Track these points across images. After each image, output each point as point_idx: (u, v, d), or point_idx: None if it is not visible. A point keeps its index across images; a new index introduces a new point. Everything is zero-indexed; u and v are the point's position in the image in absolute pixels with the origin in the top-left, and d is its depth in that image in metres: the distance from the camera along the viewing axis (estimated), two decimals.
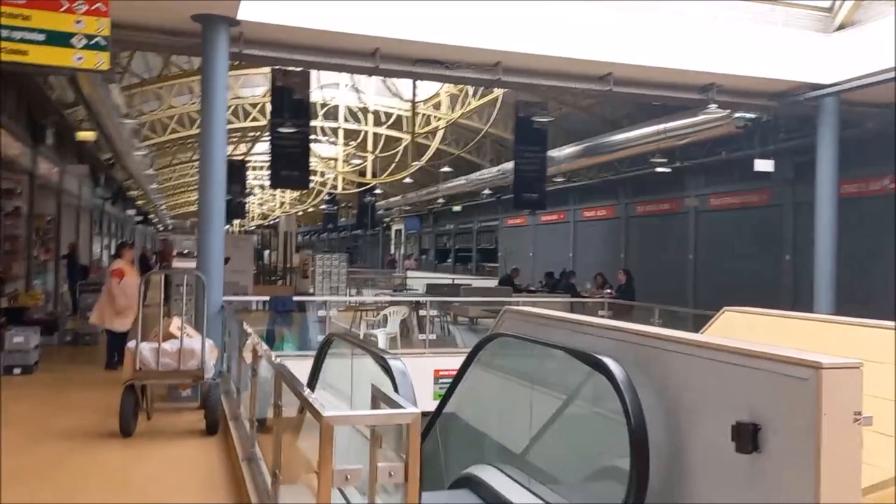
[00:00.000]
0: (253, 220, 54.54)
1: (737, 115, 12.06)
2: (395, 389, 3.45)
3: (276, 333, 10.33)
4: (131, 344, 6.28)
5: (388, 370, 3.57)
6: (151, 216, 46.31)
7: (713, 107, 10.83)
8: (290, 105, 14.08)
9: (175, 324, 6.96)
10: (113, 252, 19.04)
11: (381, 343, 10.49)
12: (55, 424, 6.67)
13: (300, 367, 4.55)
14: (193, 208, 54.43)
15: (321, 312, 10.02)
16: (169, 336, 6.61)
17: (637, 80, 10.61)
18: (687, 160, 17.17)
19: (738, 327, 6.27)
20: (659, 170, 17.00)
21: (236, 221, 39.68)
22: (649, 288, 16.10)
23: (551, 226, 25.93)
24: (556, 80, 10.37)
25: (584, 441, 4.48)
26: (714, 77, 10.52)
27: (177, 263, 21.45)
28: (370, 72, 10.21)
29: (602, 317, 11.65)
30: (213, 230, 8.28)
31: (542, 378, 4.97)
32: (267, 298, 10.21)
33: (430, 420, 5.79)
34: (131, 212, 32.56)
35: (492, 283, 20.53)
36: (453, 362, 8.66)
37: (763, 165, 12.62)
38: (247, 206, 37.91)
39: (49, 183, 15.21)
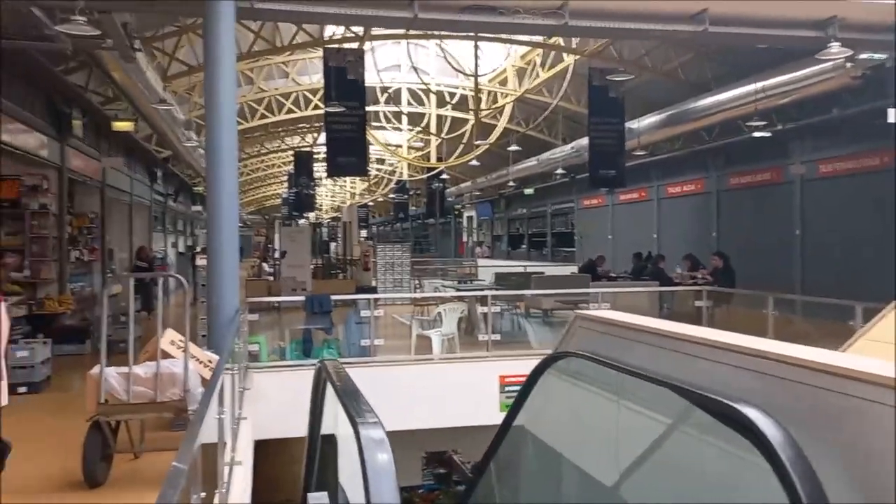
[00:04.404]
0: (326, 212, 54.23)
1: (862, 55, 9.88)
2: (364, 478, 1.90)
3: (315, 338, 8.98)
4: (95, 369, 4.93)
5: (358, 443, 2.02)
6: None
7: (834, 46, 8.73)
8: (345, 86, 13.02)
9: (168, 338, 5.62)
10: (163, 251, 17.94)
11: (436, 347, 8.99)
12: (17, 466, 5.41)
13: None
14: (272, 202, 54.77)
15: (364, 313, 8.58)
16: (165, 355, 5.27)
17: (737, 18, 8.65)
18: (790, 122, 14.93)
19: None
20: (756, 135, 14.84)
21: (310, 214, 39.18)
22: (747, 270, 14.01)
23: (632, 205, 23.91)
24: (637, 23, 8.51)
25: (706, 485, 3.14)
26: (835, 7, 8.46)
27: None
28: (408, 24, 8.60)
29: (700, 307, 9.77)
30: (222, 222, 6.90)
31: (634, 391, 3.47)
32: (302, 298, 8.86)
33: (499, 433, 5.02)
34: (198, 208, 32.14)
35: (568, 269, 18.79)
36: (522, 367, 7.22)
37: None
38: (316, 198, 37.25)
39: (89, 179, 14.37)
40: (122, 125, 13.97)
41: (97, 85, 13.71)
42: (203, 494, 2.44)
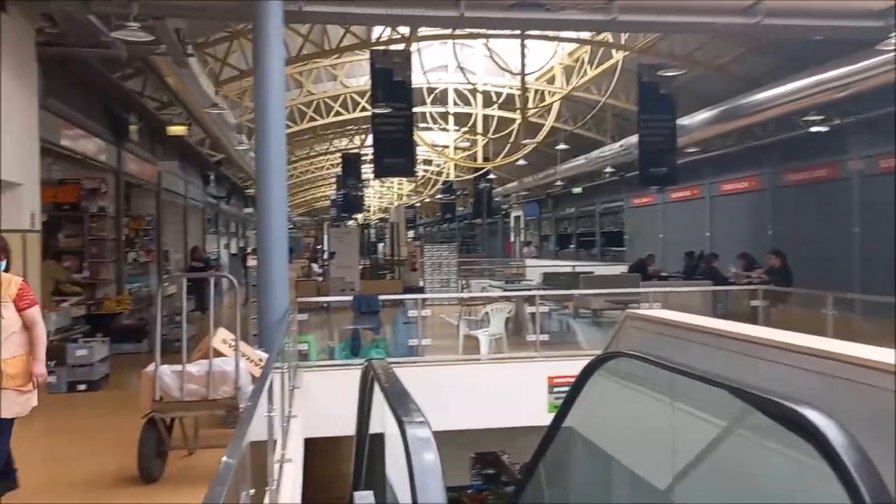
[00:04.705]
0: (374, 213, 54.65)
1: None
2: (411, 477, 1.89)
3: (364, 337, 9.02)
4: (150, 367, 5.03)
5: (404, 442, 2.01)
6: None
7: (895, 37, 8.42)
8: (392, 87, 13.15)
9: (220, 337, 5.70)
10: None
11: (483, 347, 8.95)
12: (75, 462, 5.57)
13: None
14: (321, 204, 55.44)
15: (412, 313, 8.60)
16: (217, 354, 5.35)
17: (793, 9, 8.39)
18: (847, 116, 14.45)
19: None
20: (813, 130, 14.40)
21: (358, 215, 39.52)
22: (804, 269, 13.59)
23: (683, 203, 23.46)
24: (688, 16, 8.33)
25: (763, 490, 3.10)
26: None
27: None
28: (454, 23, 8.57)
29: (756, 307, 9.52)
30: (272, 224, 6.98)
31: (687, 392, 3.39)
32: (349, 298, 8.91)
33: (547, 434, 4.98)
34: (249, 210, 32.67)
35: (618, 269, 18.54)
36: (571, 367, 7.15)
37: None
38: (364, 199, 37.56)
39: (145, 182, 14.74)
40: (176, 129, 14.29)
41: (153, 91, 14.07)
42: (252, 491, 2.46)
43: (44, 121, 8.62)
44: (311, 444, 8.15)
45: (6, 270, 4.71)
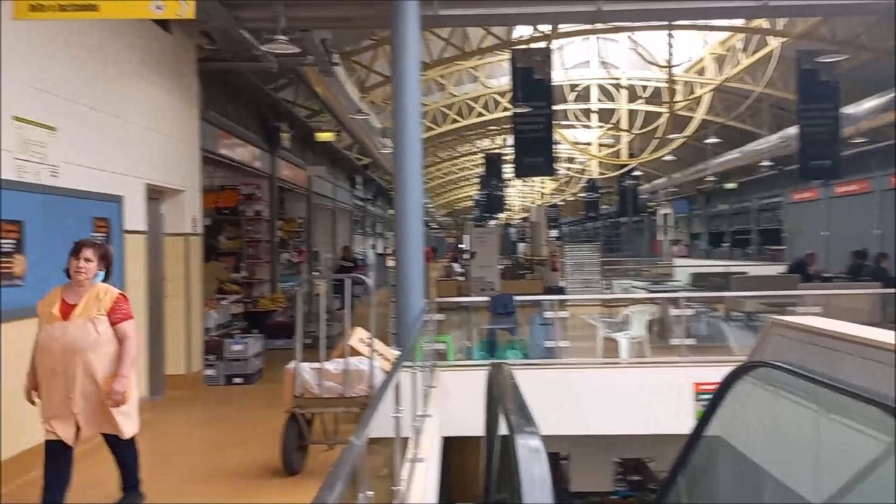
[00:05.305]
0: (516, 212, 54.66)
1: None
2: (519, 487, 1.83)
3: (501, 338, 9.01)
4: (291, 364, 5.27)
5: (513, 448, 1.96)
6: None
7: None
8: (532, 86, 13.17)
9: (358, 336, 5.88)
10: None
11: (623, 351, 8.66)
12: (226, 452, 5.93)
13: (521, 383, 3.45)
14: (464, 204, 56.24)
15: (547, 314, 8.47)
16: (354, 352, 5.53)
17: None
18: None
19: None
20: None
21: (500, 215, 39.66)
22: None
23: (850, 198, 21.62)
24: None
25: None
26: None
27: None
28: (592, 18, 8.30)
29: None
30: (408, 224, 7.13)
31: (845, 405, 3.13)
32: (486, 299, 8.91)
33: (689, 442, 4.67)
34: (393, 211, 33.67)
35: (775, 269, 17.39)
36: (720, 374, 6.78)
37: None
38: (506, 199, 37.64)
39: (297, 186, 15.53)
40: (324, 136, 14.97)
41: (304, 100, 14.81)
42: (371, 493, 2.48)
43: (204, 131, 9.29)
44: (455, 444, 8.25)
45: (105, 280, 4.41)
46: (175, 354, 8.25)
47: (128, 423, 4.29)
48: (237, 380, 8.79)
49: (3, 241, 4.98)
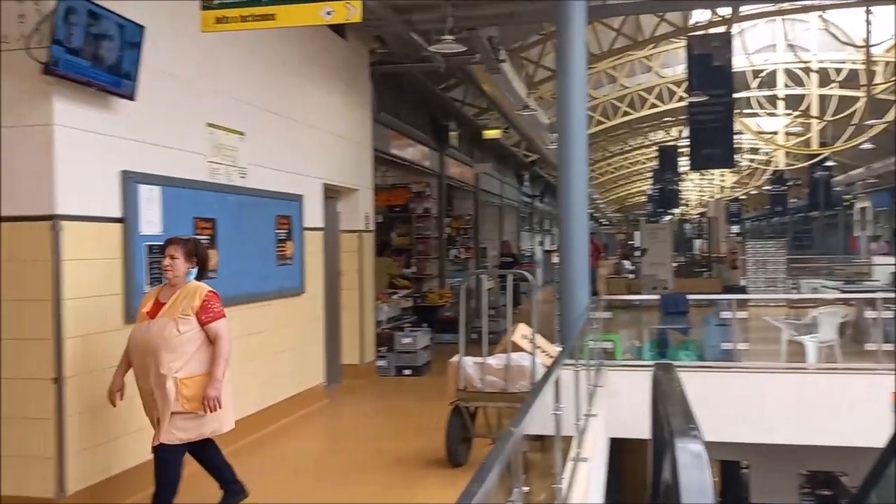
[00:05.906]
0: (693, 207, 52.25)
1: None
2: (677, 494, 1.74)
3: (673, 338, 8.63)
4: (455, 358, 5.36)
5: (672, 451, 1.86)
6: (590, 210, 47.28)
7: None
8: (710, 74, 12.69)
9: (520, 332, 5.89)
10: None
11: (811, 355, 7.99)
12: (395, 440, 6.14)
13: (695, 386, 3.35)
14: (636, 199, 54.60)
15: (725, 314, 7.98)
16: (516, 348, 5.55)
17: None
18: None
19: None
20: None
21: (675, 210, 38.10)
22: None
23: None
24: None
25: None
26: None
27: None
28: None
29: None
30: (573, 220, 7.00)
31: None
32: (656, 297, 8.55)
33: (881, 458, 4.18)
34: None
35: None
36: None
37: None
38: (681, 193, 36.06)
39: (464, 184, 15.80)
40: (491, 133, 15.11)
41: (472, 98, 15.03)
42: (526, 489, 2.45)
43: (377, 132, 9.70)
44: (621, 445, 8.03)
45: (198, 278, 4.16)
46: (350, 345, 8.70)
47: (209, 424, 3.99)
48: (407, 371, 9.11)
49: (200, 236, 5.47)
